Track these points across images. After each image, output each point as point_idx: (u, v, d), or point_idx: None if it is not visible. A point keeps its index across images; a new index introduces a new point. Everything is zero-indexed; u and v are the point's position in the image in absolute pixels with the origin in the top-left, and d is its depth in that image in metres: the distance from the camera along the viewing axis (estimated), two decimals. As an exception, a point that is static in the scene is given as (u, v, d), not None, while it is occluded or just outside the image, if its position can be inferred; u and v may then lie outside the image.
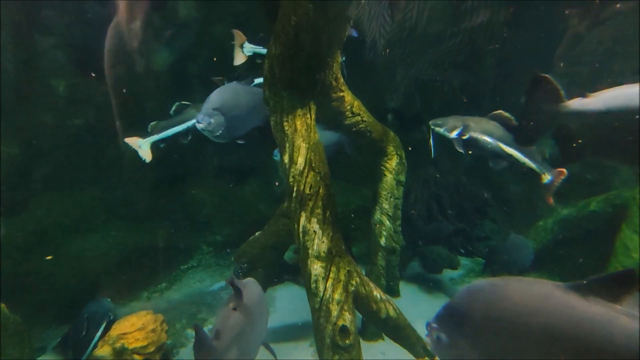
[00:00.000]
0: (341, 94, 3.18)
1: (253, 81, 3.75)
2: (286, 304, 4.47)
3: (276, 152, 3.70)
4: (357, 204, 5.45)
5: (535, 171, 3.21)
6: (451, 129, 3.27)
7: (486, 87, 5.13)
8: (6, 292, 3.35)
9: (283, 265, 4.70)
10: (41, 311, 4.04)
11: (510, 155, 3.22)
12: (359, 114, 3.45)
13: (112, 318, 3.78)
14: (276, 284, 4.76)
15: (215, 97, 3.41)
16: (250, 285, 2.27)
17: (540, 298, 1.13)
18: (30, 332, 3.46)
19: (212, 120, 3.31)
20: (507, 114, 3.24)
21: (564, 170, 3.12)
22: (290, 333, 3.99)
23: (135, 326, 2.59)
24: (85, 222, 4.63)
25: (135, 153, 3.74)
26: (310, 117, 2.90)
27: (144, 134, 3.74)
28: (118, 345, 2.36)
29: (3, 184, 3.68)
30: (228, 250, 5.51)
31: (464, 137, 3.22)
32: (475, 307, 1.20)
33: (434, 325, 1.32)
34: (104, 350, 2.33)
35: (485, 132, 3.21)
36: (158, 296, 5.11)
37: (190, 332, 4.31)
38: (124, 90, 4.24)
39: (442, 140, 3.43)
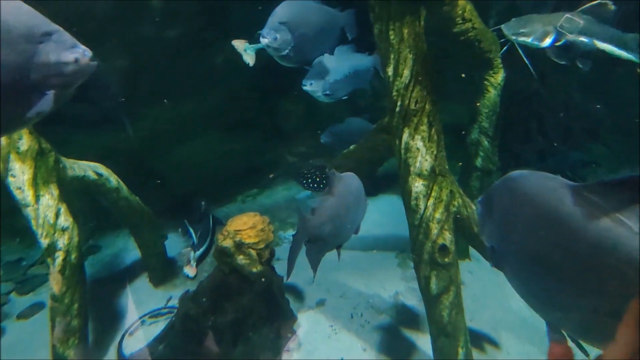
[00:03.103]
0: (455, -5, 2.83)
1: None
2: (372, 216, 4.65)
3: (304, 81, 3.39)
4: (445, 120, 5.19)
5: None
6: (542, 36, 2.66)
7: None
8: (131, 189, 3.86)
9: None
10: (156, 207, 4.65)
11: (604, 51, 2.66)
12: (470, 20, 3.07)
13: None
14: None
15: (283, 10, 2.95)
16: (349, 177, 2.38)
17: (545, 191, 1.24)
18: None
19: (278, 36, 2.88)
20: (607, 2, 2.59)
21: None
22: (377, 244, 4.21)
23: (247, 225, 2.87)
24: (186, 131, 5.00)
25: (239, 57, 3.71)
26: (419, 25, 2.65)
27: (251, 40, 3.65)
28: (237, 239, 2.66)
29: (120, 94, 3.98)
30: (310, 161, 5.71)
31: (558, 44, 2.63)
32: (499, 190, 1.41)
33: (478, 201, 1.59)
34: (227, 242, 2.64)
35: (582, 32, 2.63)
36: (251, 200, 5.59)
37: (283, 234, 4.74)
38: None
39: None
